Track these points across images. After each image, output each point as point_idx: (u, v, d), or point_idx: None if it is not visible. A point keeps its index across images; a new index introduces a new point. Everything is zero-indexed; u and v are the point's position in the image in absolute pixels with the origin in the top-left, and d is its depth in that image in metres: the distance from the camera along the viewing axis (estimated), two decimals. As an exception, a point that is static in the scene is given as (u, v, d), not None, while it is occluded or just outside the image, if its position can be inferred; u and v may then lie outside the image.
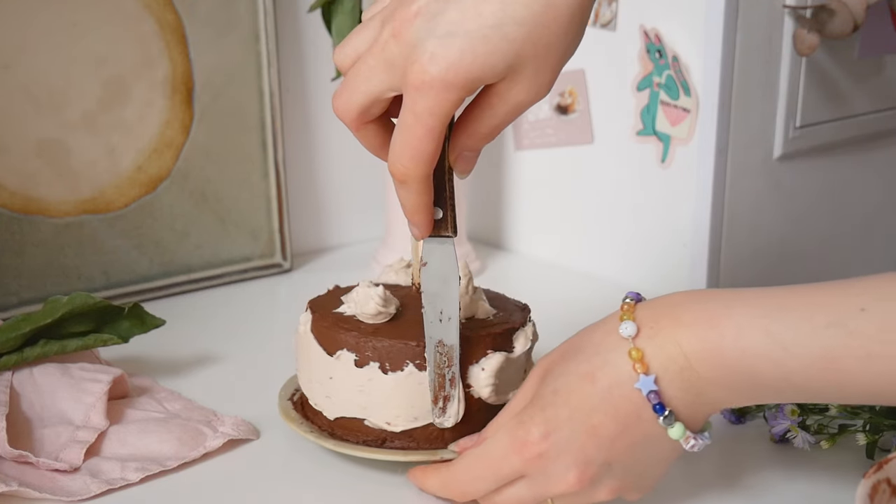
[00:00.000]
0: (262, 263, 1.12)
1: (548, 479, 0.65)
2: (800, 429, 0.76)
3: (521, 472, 0.66)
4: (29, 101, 0.98)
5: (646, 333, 0.63)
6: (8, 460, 0.73)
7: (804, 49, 1.00)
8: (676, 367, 0.62)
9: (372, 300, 0.73)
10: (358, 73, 0.63)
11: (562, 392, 0.65)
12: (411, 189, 0.64)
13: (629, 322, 0.64)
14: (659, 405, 0.63)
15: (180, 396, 0.83)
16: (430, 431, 0.73)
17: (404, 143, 0.62)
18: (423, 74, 0.59)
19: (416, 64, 0.59)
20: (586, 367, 0.65)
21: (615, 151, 1.09)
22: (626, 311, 0.65)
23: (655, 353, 0.63)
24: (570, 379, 0.65)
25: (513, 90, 0.61)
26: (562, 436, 0.64)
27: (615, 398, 0.63)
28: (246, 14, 1.08)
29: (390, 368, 0.72)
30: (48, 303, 0.81)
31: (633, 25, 1.04)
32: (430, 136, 0.61)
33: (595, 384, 0.64)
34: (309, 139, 1.18)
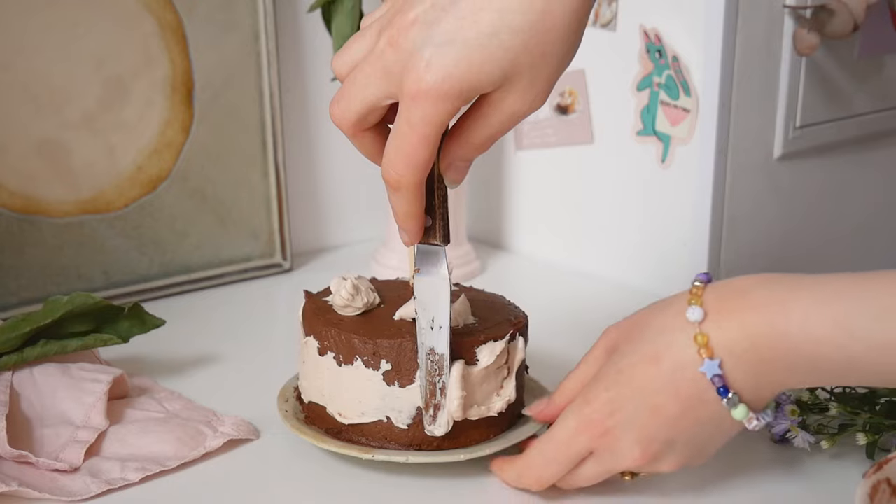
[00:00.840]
0: (262, 263, 1.12)
1: (614, 456, 0.68)
2: (800, 429, 0.76)
3: (590, 448, 0.69)
4: (29, 101, 0.98)
5: (712, 318, 0.65)
6: (8, 460, 0.73)
7: (804, 49, 1.00)
8: (740, 350, 0.64)
9: (339, 292, 0.74)
10: (355, 80, 0.63)
11: (626, 372, 0.67)
12: (403, 196, 0.65)
13: (696, 307, 0.66)
14: (723, 388, 0.65)
15: (180, 396, 0.83)
16: (378, 429, 0.73)
17: (398, 151, 0.62)
18: (419, 83, 0.59)
19: (413, 72, 0.60)
20: (651, 347, 0.67)
21: (615, 151, 1.09)
22: (694, 294, 0.67)
23: (720, 337, 0.65)
24: (635, 359, 0.67)
25: (507, 99, 0.61)
26: (626, 415, 0.67)
27: (678, 380, 0.66)
28: (246, 14, 1.08)
29: (343, 361, 0.73)
30: (48, 303, 0.81)
31: (633, 25, 1.04)
32: (424, 145, 0.61)
33: (659, 366, 0.66)
34: (309, 139, 1.18)
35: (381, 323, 0.74)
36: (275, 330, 0.98)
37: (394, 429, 0.73)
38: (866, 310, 0.61)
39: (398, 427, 0.73)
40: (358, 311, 0.75)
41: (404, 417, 0.73)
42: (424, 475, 0.74)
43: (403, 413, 0.73)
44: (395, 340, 0.72)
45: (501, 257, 1.20)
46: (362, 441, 0.74)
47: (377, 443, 0.74)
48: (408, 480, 0.74)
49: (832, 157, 1.10)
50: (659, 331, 0.67)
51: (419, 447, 0.73)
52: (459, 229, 1.13)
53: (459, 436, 0.73)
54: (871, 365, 0.62)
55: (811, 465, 0.76)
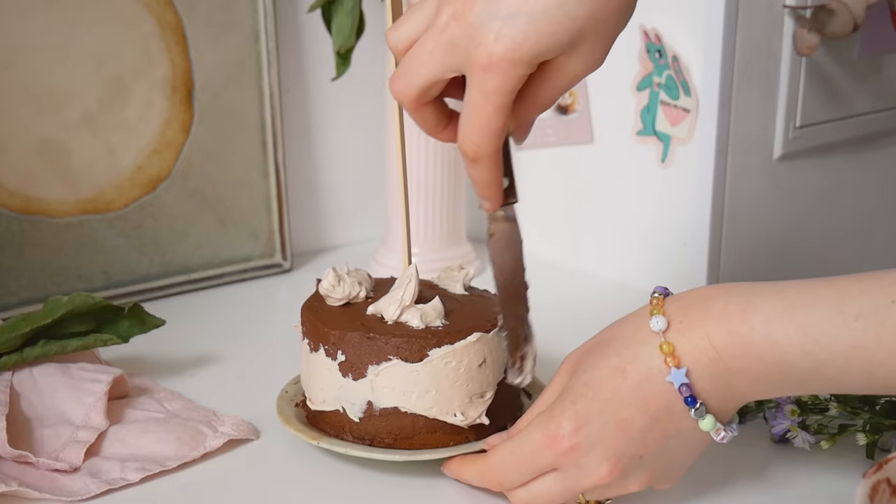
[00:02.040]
0: (262, 263, 1.12)
1: (580, 472, 0.66)
2: (800, 429, 0.76)
3: (554, 465, 0.67)
4: (29, 101, 0.98)
5: (676, 328, 0.64)
6: (8, 460, 0.73)
7: (804, 49, 1.00)
8: (706, 360, 0.63)
9: (324, 280, 0.76)
10: (419, 55, 0.64)
11: (592, 385, 0.66)
12: (483, 165, 0.66)
13: (659, 316, 0.65)
14: (690, 398, 0.64)
15: (180, 396, 0.83)
16: (335, 419, 0.74)
17: (474, 122, 0.63)
18: (489, 56, 0.61)
19: (482, 45, 0.61)
20: (617, 360, 0.66)
21: (615, 151, 1.09)
22: (655, 305, 0.66)
23: (686, 346, 0.64)
24: (601, 373, 0.66)
25: (570, 63, 0.64)
26: (593, 429, 0.65)
27: (646, 392, 0.65)
28: (246, 14, 1.08)
29: (312, 348, 0.75)
30: (48, 303, 0.81)
31: (633, 25, 1.04)
32: (498, 113, 0.63)
33: (626, 378, 0.65)
34: (309, 139, 1.18)
35: (352, 315, 0.75)
36: (275, 330, 0.98)
37: (347, 420, 0.74)
38: (832, 316, 0.61)
39: (351, 419, 0.74)
40: (338, 301, 0.76)
41: (356, 410, 0.73)
42: (424, 475, 0.74)
43: (356, 406, 0.73)
44: (354, 333, 0.72)
45: (501, 257, 1.20)
46: (324, 429, 0.75)
47: (334, 431, 0.75)
48: (407, 480, 0.74)
49: (832, 157, 1.10)
50: (624, 345, 0.66)
51: (371, 443, 0.74)
52: (459, 229, 1.13)
53: (412, 437, 0.73)
54: (839, 372, 0.61)
55: (811, 465, 0.76)
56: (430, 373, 0.72)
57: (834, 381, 0.62)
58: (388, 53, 1.08)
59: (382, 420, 0.73)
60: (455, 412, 0.73)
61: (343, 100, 1.18)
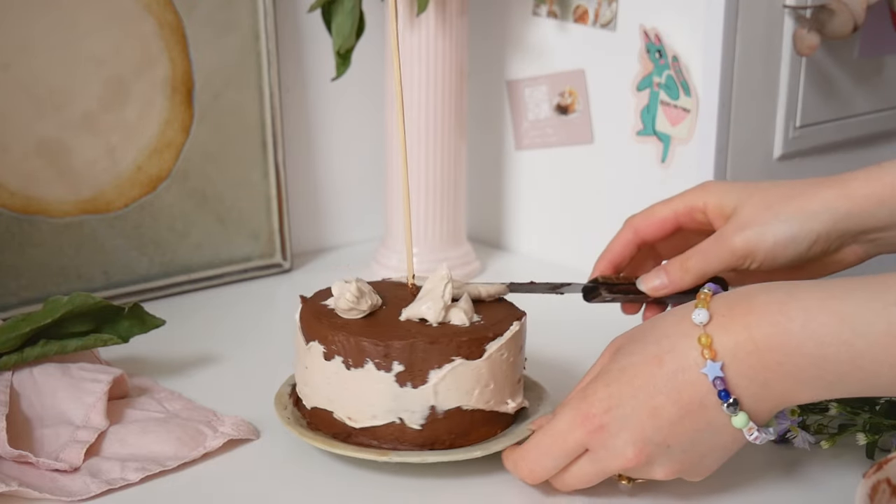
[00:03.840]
0: (262, 263, 1.12)
1: (607, 453, 0.68)
2: (800, 429, 0.76)
3: (585, 444, 0.68)
4: (29, 101, 0.98)
5: (718, 321, 0.66)
6: (8, 460, 0.73)
7: (804, 49, 1.00)
8: (744, 353, 0.64)
9: (344, 295, 0.74)
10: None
11: (628, 370, 0.68)
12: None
13: (703, 309, 0.66)
14: (724, 392, 0.65)
15: (180, 396, 0.83)
16: (390, 431, 0.73)
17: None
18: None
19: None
20: (655, 349, 0.67)
21: (615, 151, 1.09)
22: (702, 299, 0.67)
23: (724, 339, 0.65)
24: (638, 359, 0.68)
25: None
26: (623, 412, 0.67)
27: (679, 382, 0.66)
28: (246, 14, 1.08)
29: (353, 364, 0.73)
30: (48, 303, 0.81)
31: (633, 25, 1.04)
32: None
33: (662, 367, 0.66)
34: (309, 139, 1.18)
35: (388, 324, 0.74)
36: (275, 330, 0.98)
37: (406, 430, 0.73)
38: (869, 305, 0.62)
39: (411, 428, 0.73)
40: (363, 313, 0.75)
41: (417, 418, 0.73)
42: (424, 475, 0.74)
43: (416, 413, 0.73)
44: (407, 341, 0.72)
45: (501, 257, 1.20)
46: (373, 444, 0.74)
47: (389, 444, 0.73)
48: (408, 480, 0.74)
49: (832, 157, 1.10)
50: (664, 334, 0.67)
51: (432, 447, 0.73)
52: (459, 229, 1.13)
53: (470, 433, 0.74)
54: (873, 363, 0.62)
55: (811, 465, 0.76)
56: (489, 367, 0.73)
57: (868, 375, 0.62)
58: (388, 53, 1.09)
59: (445, 422, 0.73)
60: (507, 400, 0.75)
61: (343, 100, 1.18)
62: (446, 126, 1.08)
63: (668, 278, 0.78)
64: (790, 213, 0.75)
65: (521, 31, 1.14)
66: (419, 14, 1.03)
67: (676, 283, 0.77)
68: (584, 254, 1.14)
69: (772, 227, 0.75)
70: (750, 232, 0.75)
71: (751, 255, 0.75)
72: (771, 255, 0.75)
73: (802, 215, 0.75)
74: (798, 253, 0.75)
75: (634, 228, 0.82)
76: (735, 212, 0.77)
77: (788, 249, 0.75)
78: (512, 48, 1.15)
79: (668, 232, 0.81)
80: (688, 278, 0.77)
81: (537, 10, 1.12)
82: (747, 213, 0.76)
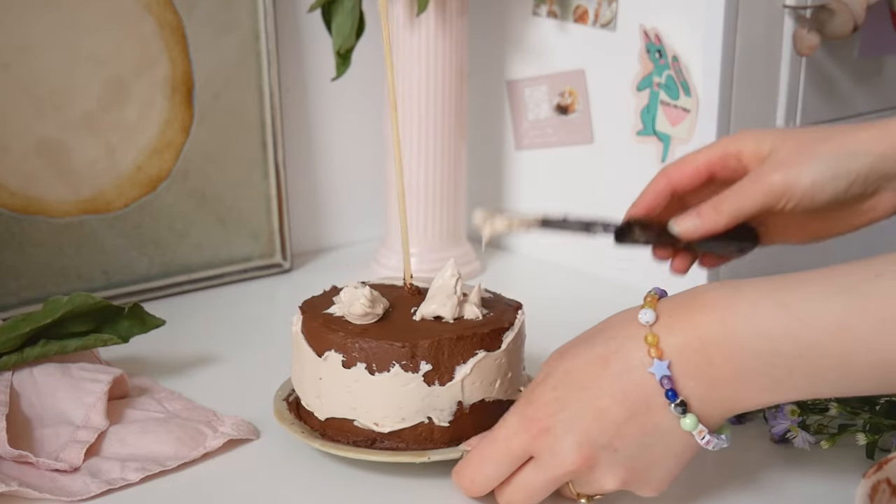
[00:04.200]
0: (262, 263, 1.12)
1: (553, 458, 0.66)
2: (800, 429, 0.76)
3: (530, 449, 0.67)
4: (29, 101, 0.98)
5: (664, 321, 0.65)
6: (8, 460, 0.73)
7: (804, 49, 1.00)
8: (690, 352, 0.63)
9: (358, 301, 0.74)
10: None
11: (573, 372, 0.66)
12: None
13: (649, 310, 0.65)
14: (671, 391, 0.64)
15: (180, 396, 0.83)
16: (418, 432, 0.73)
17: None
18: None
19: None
20: (601, 350, 0.66)
21: (615, 151, 1.09)
22: (648, 302, 0.66)
23: (670, 339, 0.64)
24: (584, 361, 0.66)
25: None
26: (568, 415, 0.65)
27: (625, 383, 0.64)
28: (246, 14, 1.08)
29: (377, 369, 0.72)
30: (48, 303, 0.81)
31: (633, 25, 1.04)
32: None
33: (607, 368, 0.65)
34: (309, 139, 1.18)
35: (406, 325, 0.74)
36: (275, 330, 0.98)
37: (435, 429, 0.73)
38: (816, 295, 0.61)
39: (440, 426, 0.73)
40: (377, 317, 0.74)
41: (445, 415, 0.73)
42: (424, 475, 0.74)
43: (445, 411, 0.73)
44: (433, 339, 0.72)
45: (501, 257, 1.20)
46: (401, 446, 0.73)
47: (418, 445, 0.73)
48: (407, 481, 0.74)
49: (832, 157, 1.10)
50: (611, 335, 0.66)
51: (458, 442, 0.74)
52: (459, 229, 1.13)
53: (492, 424, 0.73)
54: (822, 357, 0.60)
55: (811, 465, 0.76)
56: (507, 356, 0.74)
57: (817, 370, 0.61)
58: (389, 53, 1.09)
59: (471, 416, 0.73)
60: (520, 387, 0.76)
61: (343, 100, 1.18)
62: (446, 126, 1.08)
63: (701, 219, 0.73)
64: (829, 152, 0.72)
65: (521, 31, 1.14)
66: (419, 14, 1.03)
67: (709, 224, 0.73)
68: (583, 254, 1.14)
69: (810, 165, 0.72)
70: (788, 170, 0.72)
71: (788, 193, 0.72)
72: (809, 194, 0.72)
73: (841, 153, 0.72)
74: (836, 193, 0.72)
75: (667, 176, 0.78)
76: (771, 153, 0.74)
77: (827, 189, 0.72)
78: (512, 48, 1.15)
79: (702, 180, 0.77)
80: (721, 219, 0.73)
81: (537, 10, 1.12)
82: (785, 153, 0.73)
